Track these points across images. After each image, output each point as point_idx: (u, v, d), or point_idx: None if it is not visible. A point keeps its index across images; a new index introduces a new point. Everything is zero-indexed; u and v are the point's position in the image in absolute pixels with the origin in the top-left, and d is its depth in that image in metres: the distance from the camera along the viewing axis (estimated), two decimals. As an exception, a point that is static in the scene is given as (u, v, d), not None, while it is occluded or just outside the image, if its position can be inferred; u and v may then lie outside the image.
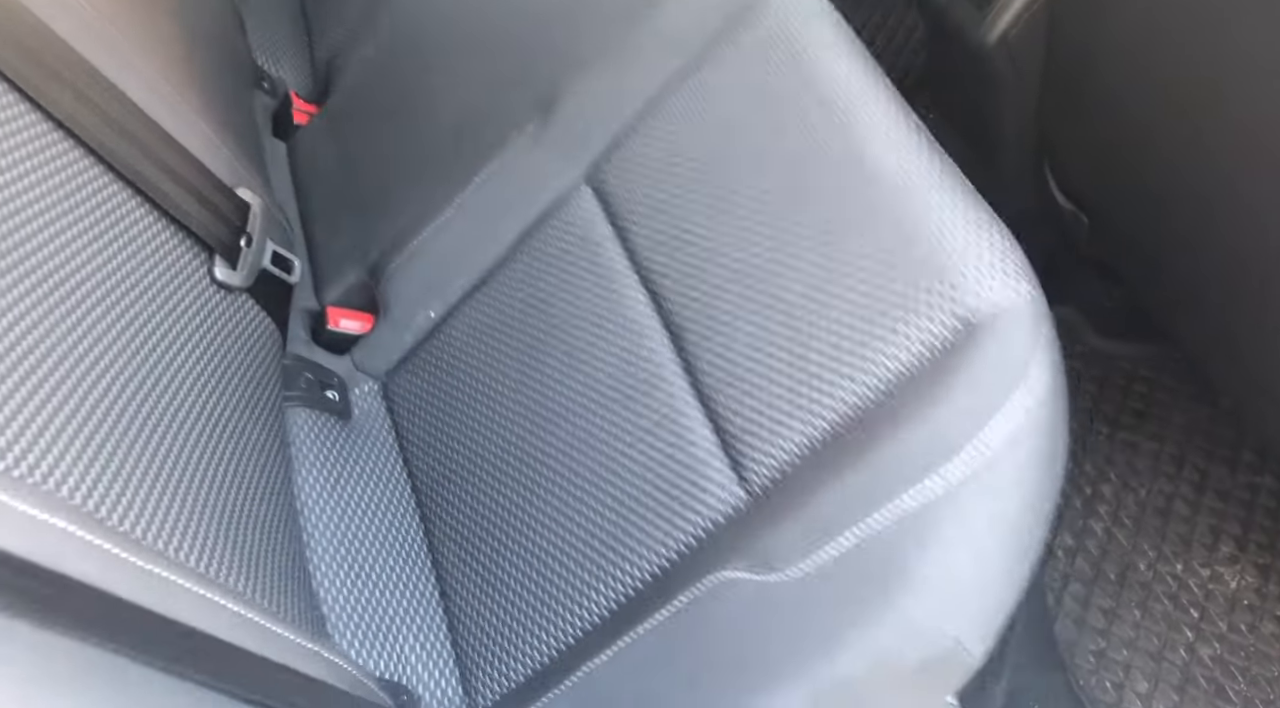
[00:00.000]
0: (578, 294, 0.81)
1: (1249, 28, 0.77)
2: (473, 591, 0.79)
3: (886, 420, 0.64)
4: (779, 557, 0.63)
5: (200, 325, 0.75)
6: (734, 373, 0.71)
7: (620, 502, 0.73)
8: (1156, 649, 1.05)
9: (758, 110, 0.78)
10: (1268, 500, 1.14)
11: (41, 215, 0.63)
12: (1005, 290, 0.64)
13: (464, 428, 0.83)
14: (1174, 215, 0.98)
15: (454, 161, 0.94)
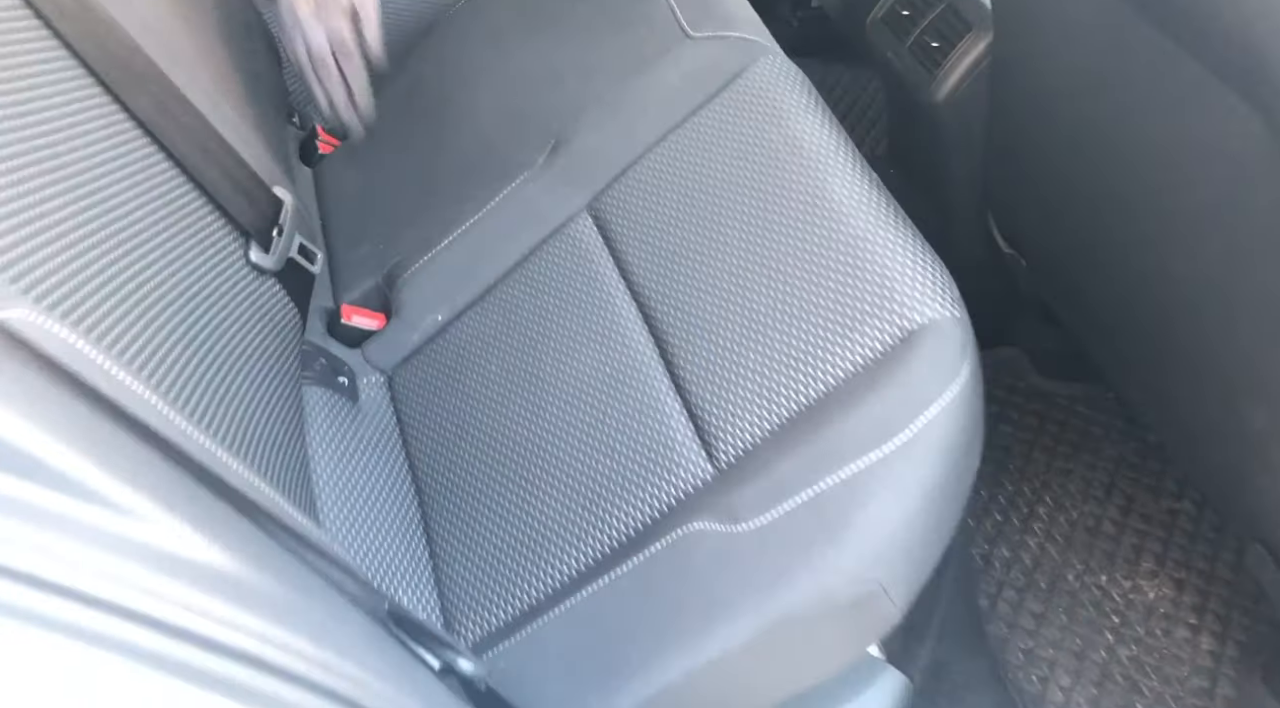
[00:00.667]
0: (573, 303, 0.93)
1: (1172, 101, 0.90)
2: (459, 548, 0.89)
3: (837, 407, 0.78)
4: (741, 512, 0.75)
5: (235, 298, 0.87)
6: (708, 370, 0.84)
7: (601, 474, 0.84)
8: (1080, 649, 1.15)
9: (738, 155, 0.93)
10: (1186, 524, 1.25)
11: (119, 194, 0.76)
12: (938, 310, 0.78)
13: (461, 416, 0.94)
14: (1101, 264, 1.11)
15: (469, 187, 1.08)
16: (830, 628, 0.75)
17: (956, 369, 0.75)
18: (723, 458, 0.81)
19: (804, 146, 0.91)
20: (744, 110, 0.96)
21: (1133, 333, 1.09)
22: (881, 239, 0.83)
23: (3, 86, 0.67)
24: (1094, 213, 1.07)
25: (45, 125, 0.68)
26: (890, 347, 0.78)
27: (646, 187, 0.98)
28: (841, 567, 0.71)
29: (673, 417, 0.85)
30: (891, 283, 0.81)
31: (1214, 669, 1.12)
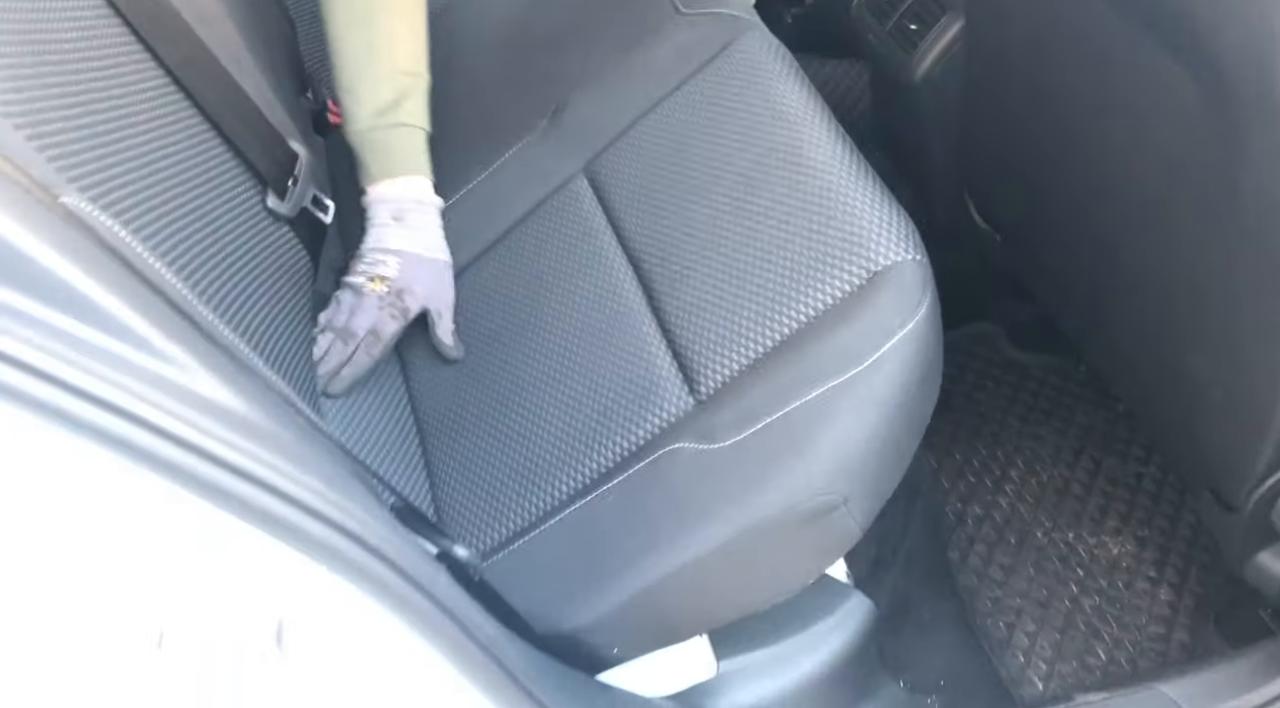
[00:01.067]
0: (569, 255, 1.01)
1: (1119, 71, 0.97)
2: (456, 474, 0.96)
3: (809, 339, 0.85)
4: (718, 433, 0.82)
5: (252, 239, 0.93)
6: (690, 312, 0.92)
7: (592, 407, 0.91)
8: (1045, 599, 1.21)
9: (722, 119, 1.01)
10: (1150, 486, 1.31)
11: (150, 132, 0.82)
12: (900, 254, 0.86)
13: (466, 366, 1.01)
14: (1065, 232, 1.18)
15: (474, 151, 1.15)
16: (795, 540, 0.82)
17: (915, 306, 0.83)
18: (703, 391, 0.88)
19: (783, 111, 0.98)
20: (729, 79, 1.04)
21: (1094, 297, 1.15)
22: (851, 192, 0.91)
23: (50, 32, 0.73)
24: (1059, 184, 1.14)
25: (85, 63, 0.75)
26: (857, 286, 0.86)
27: (638, 150, 1.05)
28: (806, 477, 0.78)
29: (658, 355, 0.91)
30: (859, 231, 0.88)
31: (1171, 618, 1.18)
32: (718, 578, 0.81)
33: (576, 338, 0.96)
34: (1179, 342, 0.99)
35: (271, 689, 0.51)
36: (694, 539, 0.79)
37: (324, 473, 0.53)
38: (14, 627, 0.44)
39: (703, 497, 0.80)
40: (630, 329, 0.94)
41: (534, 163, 1.12)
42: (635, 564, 0.79)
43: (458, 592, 0.60)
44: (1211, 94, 0.79)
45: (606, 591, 0.79)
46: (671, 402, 0.89)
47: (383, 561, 0.52)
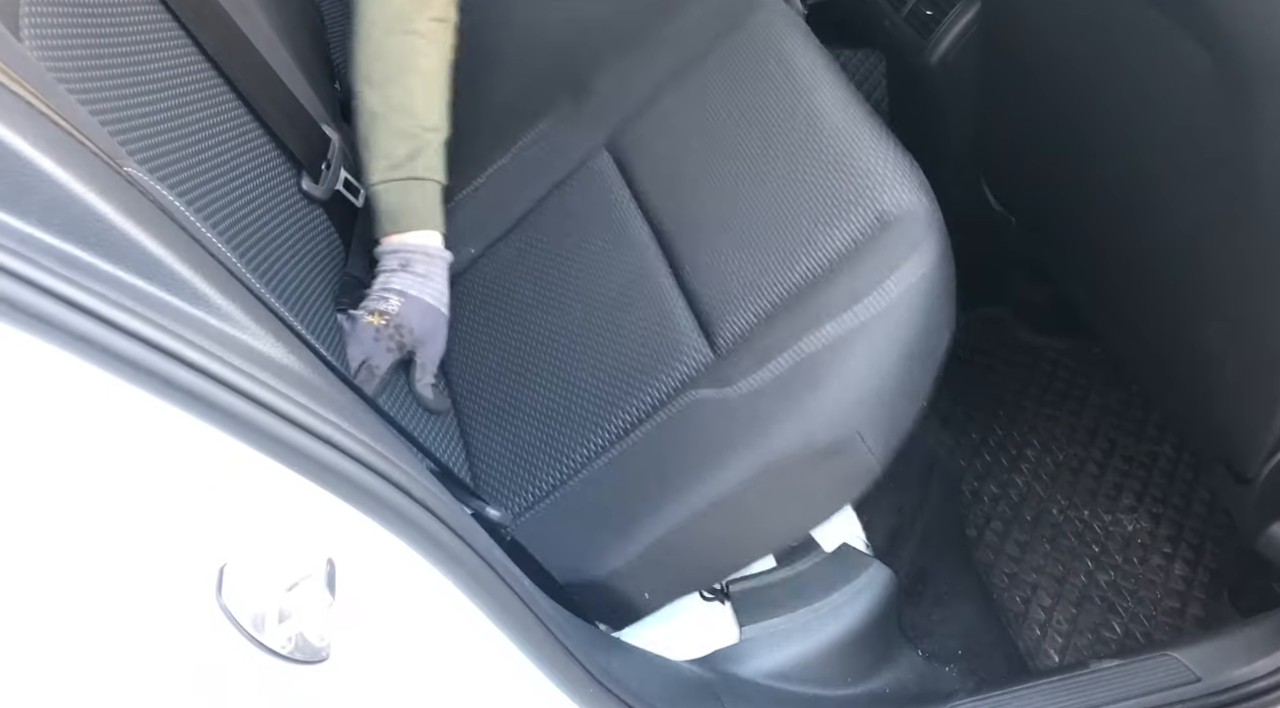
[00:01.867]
0: (593, 224, 1.04)
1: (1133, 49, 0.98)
2: (491, 438, 1.00)
3: (821, 284, 0.88)
4: (735, 378, 0.85)
5: (287, 220, 0.97)
6: (708, 269, 0.95)
7: (617, 366, 0.95)
8: (1061, 574, 1.23)
9: (743, 88, 1.04)
10: (1165, 465, 1.33)
11: (190, 114, 0.85)
12: (908, 200, 0.89)
13: (492, 329, 1.05)
14: (1081, 212, 1.19)
15: (500, 130, 1.18)
16: (815, 475, 0.85)
17: (923, 247, 0.86)
18: (721, 343, 0.91)
19: (796, 72, 1.02)
20: (747, 49, 1.07)
21: (1109, 276, 1.17)
22: (860, 145, 0.94)
23: (101, 15, 0.76)
24: (1074, 164, 1.16)
25: (133, 46, 0.78)
26: (866, 233, 0.89)
27: (660, 123, 1.08)
28: (821, 413, 0.81)
29: (679, 314, 0.95)
30: (868, 180, 0.91)
31: (1185, 593, 1.20)
32: (742, 517, 0.84)
33: (600, 301, 0.99)
34: (1192, 315, 1.01)
35: (322, 630, 0.53)
36: (716, 480, 0.82)
37: (372, 429, 0.56)
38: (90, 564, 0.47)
39: (723, 438, 0.83)
40: (651, 290, 0.97)
41: (558, 139, 1.15)
42: (661, 509, 0.82)
43: (495, 547, 0.63)
44: (1224, 65, 0.81)
45: (634, 536, 0.82)
46: (692, 355, 0.92)
47: (427, 511, 0.55)
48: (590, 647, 0.70)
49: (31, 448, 0.45)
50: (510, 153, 1.16)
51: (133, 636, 0.49)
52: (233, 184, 0.86)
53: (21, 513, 0.46)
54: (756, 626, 0.91)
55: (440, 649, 0.60)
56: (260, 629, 0.51)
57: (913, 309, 0.83)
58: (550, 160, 1.13)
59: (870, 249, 0.87)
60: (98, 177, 0.48)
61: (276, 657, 0.52)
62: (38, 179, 0.45)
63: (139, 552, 0.48)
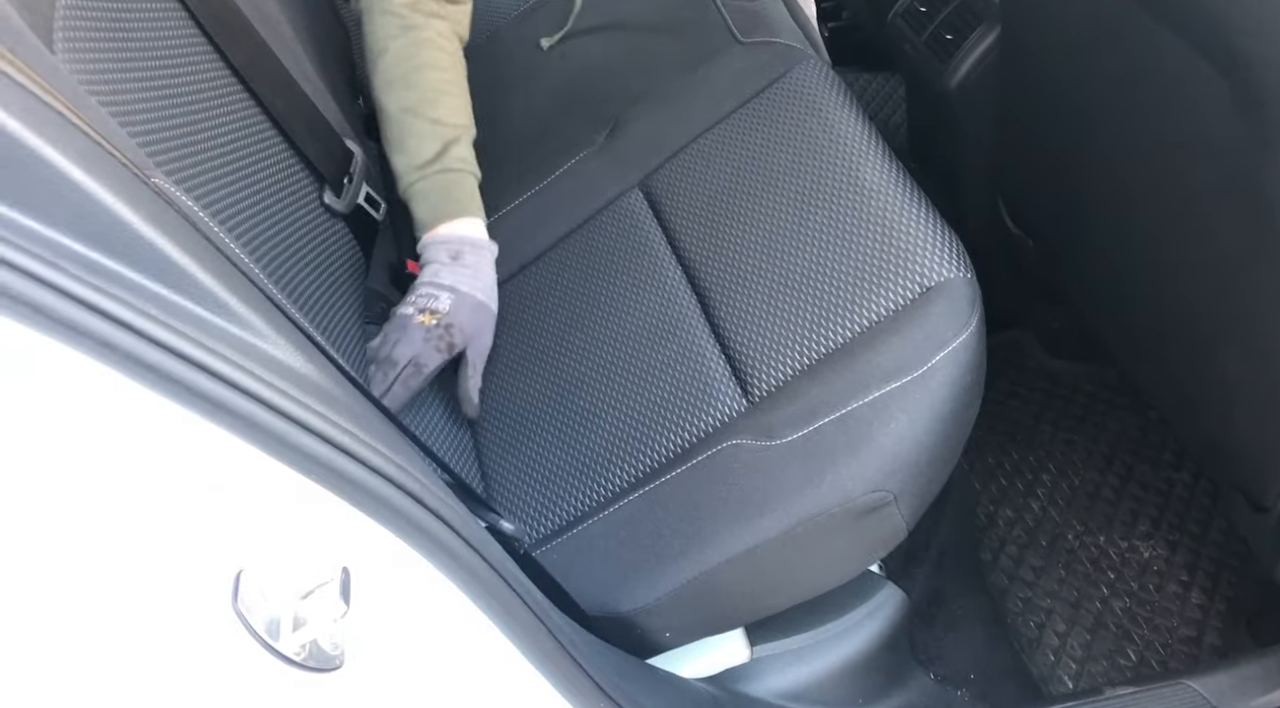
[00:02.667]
0: (623, 262, 1.05)
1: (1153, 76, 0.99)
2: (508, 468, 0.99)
3: (863, 347, 0.90)
4: (777, 430, 0.87)
5: (309, 234, 0.98)
6: (744, 320, 0.96)
7: (646, 406, 0.95)
8: (1075, 600, 1.22)
9: (779, 141, 1.06)
10: (1182, 492, 1.32)
11: (217, 128, 0.87)
12: (952, 272, 0.91)
13: (515, 360, 1.04)
14: (1101, 237, 1.19)
15: (533, 161, 1.19)
16: (847, 534, 0.85)
17: (966, 319, 0.89)
18: (756, 393, 0.92)
19: (839, 136, 1.03)
20: (786, 105, 1.09)
21: (1127, 301, 1.17)
22: (904, 213, 0.96)
23: (130, 27, 0.78)
24: (1093, 189, 1.16)
25: (161, 59, 0.80)
26: (910, 300, 0.91)
27: (694, 167, 1.09)
28: (860, 474, 0.82)
29: (711, 359, 0.95)
30: (912, 250, 0.93)
31: (1202, 621, 1.19)
32: (772, 568, 0.84)
33: (630, 338, 1.00)
34: (1212, 344, 1.00)
35: (336, 638, 0.54)
36: (751, 530, 0.83)
37: (389, 440, 0.57)
38: (107, 568, 0.47)
39: (762, 490, 0.84)
40: (684, 332, 0.98)
41: (589, 176, 1.16)
42: (692, 552, 0.82)
43: (508, 559, 0.63)
44: (1244, 97, 0.81)
45: (662, 577, 0.82)
46: (725, 402, 0.92)
47: (442, 522, 0.55)
48: (600, 661, 0.70)
49: (52, 451, 0.46)
50: (544, 182, 1.17)
51: (147, 640, 0.50)
52: (256, 196, 0.88)
53: (41, 516, 0.46)
54: (768, 645, 0.91)
55: (451, 660, 0.61)
56: (274, 637, 0.52)
57: (953, 379, 0.85)
58: (583, 193, 1.14)
59: (913, 317, 0.89)
60: (126, 187, 0.49)
61: (290, 664, 0.52)
62: (68, 188, 0.46)
63: (157, 557, 0.48)
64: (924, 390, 0.85)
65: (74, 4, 0.69)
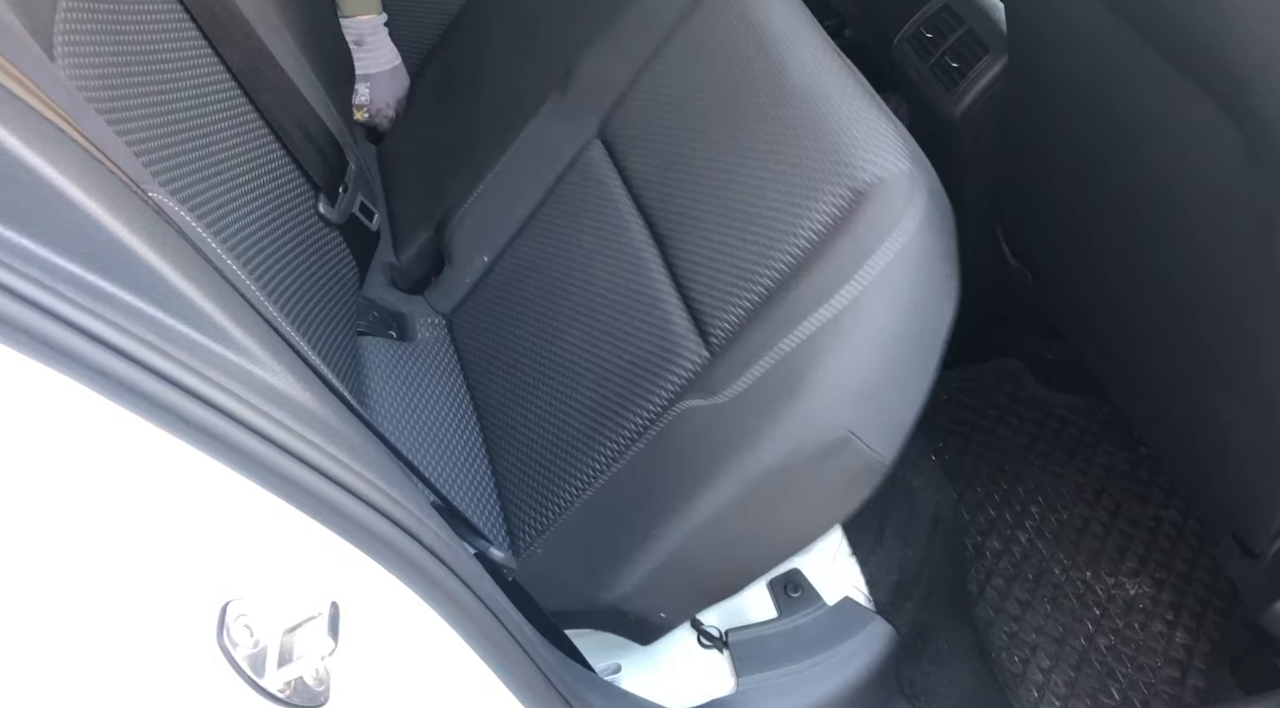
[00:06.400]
0: (591, 227, 1.03)
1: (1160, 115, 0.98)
2: (515, 459, 0.98)
3: (799, 273, 0.82)
4: (719, 385, 0.82)
5: (302, 243, 0.96)
6: (700, 264, 0.91)
7: (622, 373, 0.93)
8: (1061, 636, 1.22)
9: (713, 61, 1.00)
10: (1169, 530, 1.32)
11: (215, 134, 0.85)
12: (887, 166, 0.82)
13: (508, 345, 1.04)
14: (1100, 273, 1.19)
15: (496, 134, 1.17)
16: (812, 479, 0.80)
17: (896, 220, 0.78)
18: (715, 341, 0.87)
19: (767, 38, 0.96)
20: (715, 21, 1.02)
21: (1124, 338, 1.17)
22: (835, 110, 0.87)
23: (131, 32, 0.76)
24: (1094, 224, 1.16)
25: (162, 64, 0.78)
26: (843, 209, 0.81)
27: (645, 104, 1.04)
28: (803, 417, 0.77)
29: (674, 312, 0.91)
30: (842, 148, 0.84)
31: (1186, 662, 1.19)
32: (745, 528, 0.81)
33: (601, 304, 0.97)
34: (1205, 386, 1.00)
35: (322, 674, 0.52)
36: (706, 496, 0.79)
37: (383, 469, 0.55)
38: (93, 596, 0.46)
39: (709, 452, 0.80)
40: (647, 288, 0.94)
41: (550, 135, 1.12)
42: (656, 531, 0.80)
43: (499, 593, 0.62)
44: (1254, 144, 0.81)
45: (637, 559, 0.81)
46: (688, 357, 0.88)
47: (435, 558, 0.54)
48: (588, 696, 0.69)
49: (40, 476, 0.44)
50: (508, 153, 1.14)
51: (128, 671, 0.48)
52: (251, 206, 0.86)
53: (27, 541, 0.45)
54: (754, 677, 0.90)
55: (439, 697, 0.59)
56: (259, 672, 0.50)
57: (895, 293, 0.76)
58: (546, 158, 1.11)
59: (845, 231, 0.80)
60: (124, 205, 0.47)
61: (274, 701, 0.51)
62: (67, 207, 0.45)
63: (141, 586, 0.47)
64: (858, 313, 0.76)
65: (75, 5, 0.67)
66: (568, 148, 1.09)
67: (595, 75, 1.10)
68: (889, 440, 0.79)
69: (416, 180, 1.24)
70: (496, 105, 1.20)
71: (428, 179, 1.22)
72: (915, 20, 1.38)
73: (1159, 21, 0.90)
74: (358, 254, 1.07)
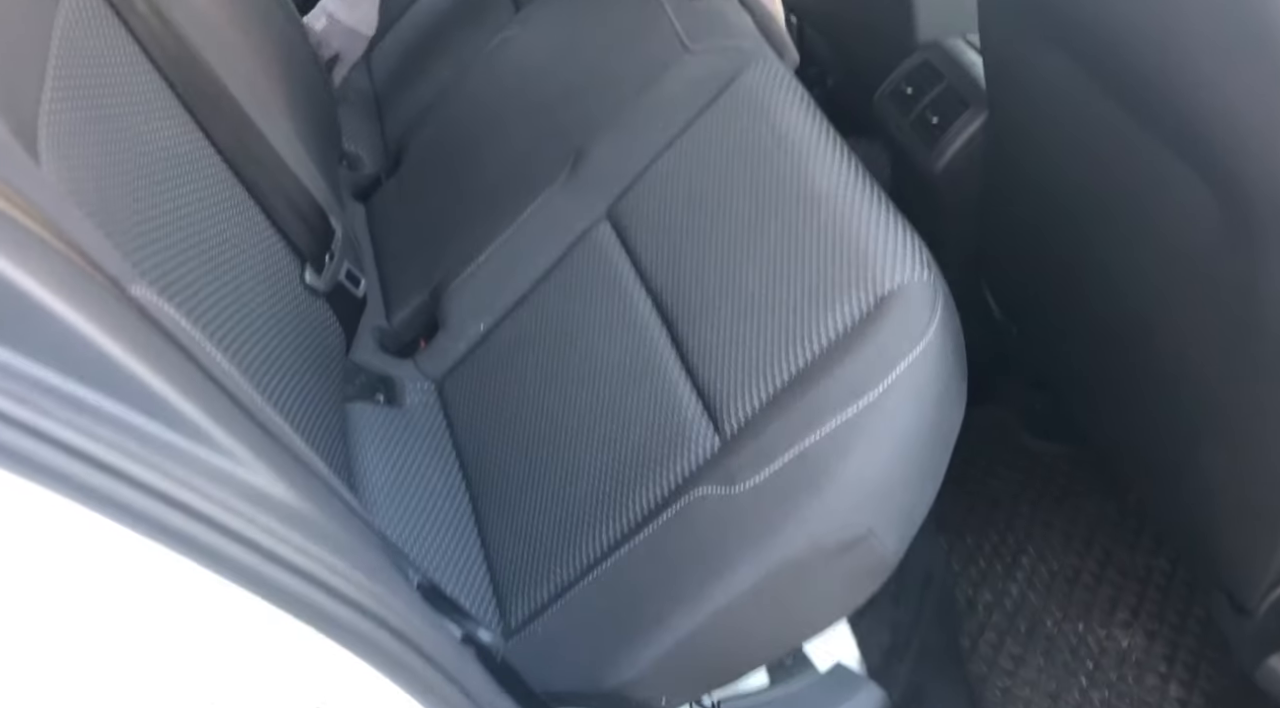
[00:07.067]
0: (596, 303, 1.02)
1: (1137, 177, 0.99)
2: (507, 534, 0.97)
3: (821, 372, 0.84)
4: (738, 475, 0.82)
5: (288, 315, 0.96)
6: (712, 350, 0.92)
7: (626, 454, 0.92)
8: (1055, 691, 1.21)
9: (733, 153, 1.02)
10: (1160, 579, 1.32)
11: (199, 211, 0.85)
12: (909, 275, 0.85)
13: (503, 414, 1.03)
14: (1089, 337, 1.19)
15: (501, 205, 1.18)
16: (826, 575, 0.81)
17: (924, 328, 0.81)
18: (727, 429, 0.88)
19: (788, 138, 0.99)
20: (738, 112, 1.05)
21: (1109, 393, 1.17)
22: (857, 215, 0.90)
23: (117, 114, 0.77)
24: (1076, 281, 1.16)
25: (147, 145, 0.78)
26: (865, 312, 0.85)
27: (656, 192, 1.06)
28: (825, 513, 0.78)
29: (683, 396, 0.92)
30: (865, 254, 0.87)
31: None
32: (754, 620, 0.81)
33: (607, 382, 0.97)
34: (1193, 442, 1.00)
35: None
36: (721, 586, 0.79)
37: (367, 564, 0.55)
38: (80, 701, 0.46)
39: (726, 543, 0.80)
40: (657, 370, 0.95)
41: (558, 213, 1.14)
42: (667, 618, 0.80)
43: (490, 684, 0.61)
44: (1232, 213, 0.81)
45: (642, 647, 0.80)
46: (698, 442, 0.89)
47: (421, 656, 0.54)
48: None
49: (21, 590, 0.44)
50: (514, 226, 1.15)
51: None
52: (237, 281, 0.86)
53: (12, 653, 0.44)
54: (746, 746, 0.89)
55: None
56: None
57: (918, 397, 0.79)
58: (553, 232, 1.12)
59: (870, 334, 0.82)
60: (105, 311, 0.47)
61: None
62: (46, 319, 0.45)
63: (122, 694, 0.46)
64: (883, 414, 0.78)
65: (61, 95, 0.67)
66: (575, 225, 1.10)
67: (607, 158, 1.12)
68: (902, 538, 0.81)
69: (411, 243, 1.24)
70: (502, 178, 1.21)
71: (424, 243, 1.22)
72: (895, 76, 1.40)
73: (1127, 80, 0.91)
74: (345, 320, 1.07)
